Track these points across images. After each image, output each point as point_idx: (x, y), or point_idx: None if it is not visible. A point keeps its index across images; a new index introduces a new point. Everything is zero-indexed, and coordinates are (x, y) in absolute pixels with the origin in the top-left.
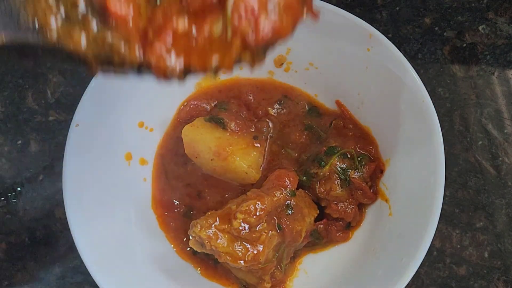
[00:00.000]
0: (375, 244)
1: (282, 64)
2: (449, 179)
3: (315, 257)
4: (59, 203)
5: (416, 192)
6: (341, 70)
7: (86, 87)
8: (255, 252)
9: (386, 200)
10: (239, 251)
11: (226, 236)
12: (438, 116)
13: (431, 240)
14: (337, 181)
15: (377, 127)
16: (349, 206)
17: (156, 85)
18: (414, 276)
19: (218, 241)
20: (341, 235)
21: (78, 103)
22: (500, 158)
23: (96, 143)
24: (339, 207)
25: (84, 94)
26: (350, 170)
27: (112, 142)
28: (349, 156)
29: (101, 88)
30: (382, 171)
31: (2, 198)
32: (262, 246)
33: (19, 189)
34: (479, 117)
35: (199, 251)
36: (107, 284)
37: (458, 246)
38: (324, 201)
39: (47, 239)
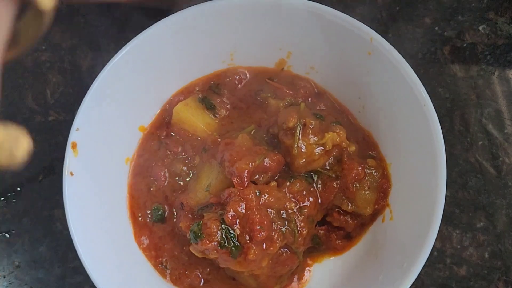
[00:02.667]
0: (376, 248)
1: (283, 68)
2: (449, 180)
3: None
4: (59, 203)
5: (418, 196)
6: (342, 74)
7: (86, 87)
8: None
9: (387, 205)
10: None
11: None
12: (438, 116)
13: (432, 245)
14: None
15: (378, 131)
16: (350, 218)
17: (157, 88)
18: None
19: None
20: (340, 243)
21: (78, 103)
22: (501, 158)
23: (97, 147)
24: (341, 217)
25: (84, 98)
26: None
27: (113, 146)
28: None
29: (102, 91)
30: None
31: (2, 198)
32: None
33: (19, 189)
34: (479, 117)
35: (200, 256)
36: (105, 285)
37: (459, 247)
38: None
39: (47, 239)
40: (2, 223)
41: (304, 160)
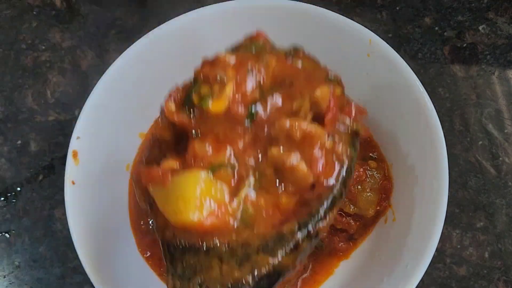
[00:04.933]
0: (380, 250)
1: None
2: (450, 179)
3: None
4: (59, 203)
5: (420, 196)
6: (341, 75)
7: (86, 87)
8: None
9: (390, 206)
10: None
11: None
12: (438, 116)
13: (436, 246)
14: None
15: (379, 132)
16: (353, 220)
17: (156, 94)
18: None
19: None
20: (343, 246)
21: (78, 103)
22: (500, 158)
23: (97, 155)
24: (343, 219)
25: (84, 107)
26: None
27: (114, 153)
28: None
29: (101, 99)
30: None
31: (2, 198)
32: None
33: (19, 189)
34: (479, 117)
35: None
36: (104, 285)
37: (458, 246)
38: None
39: (47, 239)
40: (2, 223)
41: None
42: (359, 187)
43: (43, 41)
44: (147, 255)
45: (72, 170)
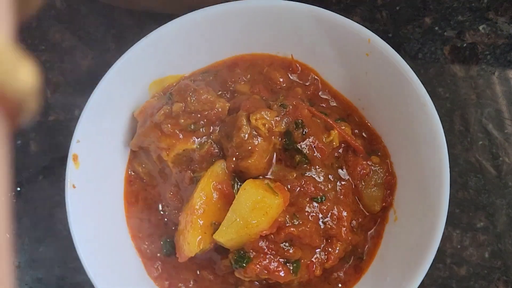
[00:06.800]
0: (382, 249)
1: None
2: (450, 179)
3: None
4: (59, 203)
5: (421, 196)
6: (340, 75)
7: (86, 87)
8: None
9: (391, 205)
10: None
11: None
12: (438, 116)
13: (437, 246)
14: None
15: (379, 132)
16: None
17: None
18: None
19: None
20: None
21: (78, 103)
22: (501, 158)
23: (98, 158)
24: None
25: (84, 110)
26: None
27: (115, 156)
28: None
29: (101, 102)
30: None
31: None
32: None
33: (19, 189)
34: (479, 117)
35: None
36: (104, 285)
37: (459, 246)
38: None
39: (47, 239)
40: None
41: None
42: (363, 183)
43: (43, 41)
44: (155, 274)
45: (72, 174)
